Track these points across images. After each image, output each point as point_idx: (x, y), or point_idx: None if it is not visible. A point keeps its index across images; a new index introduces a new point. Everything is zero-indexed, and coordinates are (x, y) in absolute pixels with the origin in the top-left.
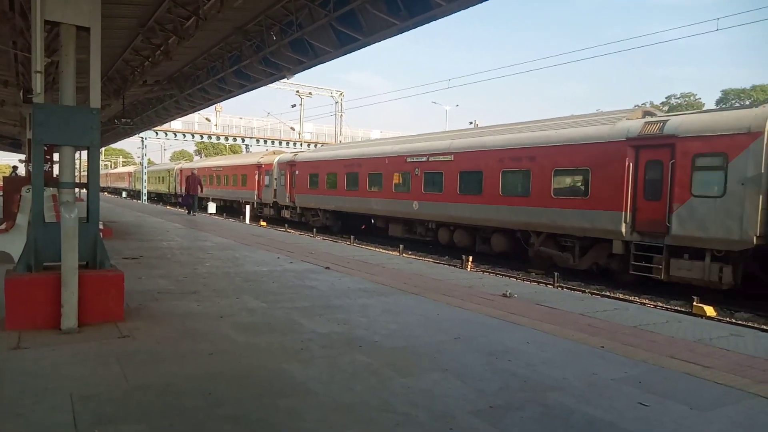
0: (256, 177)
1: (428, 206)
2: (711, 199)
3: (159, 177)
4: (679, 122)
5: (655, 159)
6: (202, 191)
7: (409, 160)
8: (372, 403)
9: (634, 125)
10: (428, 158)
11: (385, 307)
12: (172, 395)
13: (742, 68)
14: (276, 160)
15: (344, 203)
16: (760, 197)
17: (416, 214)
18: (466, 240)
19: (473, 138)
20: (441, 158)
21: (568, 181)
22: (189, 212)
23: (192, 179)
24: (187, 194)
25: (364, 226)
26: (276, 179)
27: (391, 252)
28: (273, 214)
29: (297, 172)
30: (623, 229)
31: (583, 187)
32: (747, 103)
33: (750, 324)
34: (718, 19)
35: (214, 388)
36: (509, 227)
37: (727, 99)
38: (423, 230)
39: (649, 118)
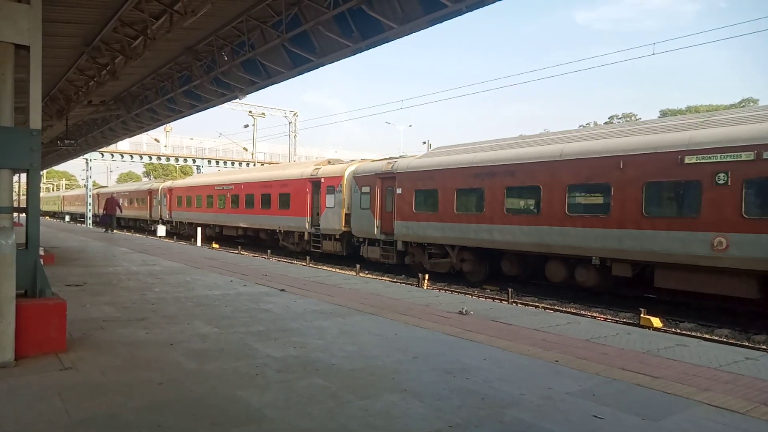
0: None
1: None
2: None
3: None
4: None
5: None
6: (121, 212)
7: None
8: (330, 427)
9: None
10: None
11: (342, 329)
12: (118, 428)
13: (674, 89)
14: None
15: None
16: None
17: None
18: None
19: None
20: None
21: None
22: (106, 230)
23: (111, 201)
24: (104, 214)
25: None
26: None
27: (347, 272)
28: None
29: None
30: None
31: None
32: None
33: (693, 334)
34: (654, 44)
35: (163, 419)
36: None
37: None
38: None
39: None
